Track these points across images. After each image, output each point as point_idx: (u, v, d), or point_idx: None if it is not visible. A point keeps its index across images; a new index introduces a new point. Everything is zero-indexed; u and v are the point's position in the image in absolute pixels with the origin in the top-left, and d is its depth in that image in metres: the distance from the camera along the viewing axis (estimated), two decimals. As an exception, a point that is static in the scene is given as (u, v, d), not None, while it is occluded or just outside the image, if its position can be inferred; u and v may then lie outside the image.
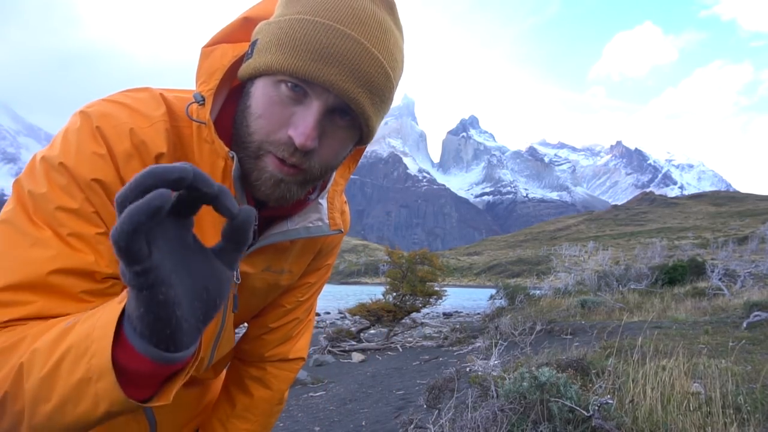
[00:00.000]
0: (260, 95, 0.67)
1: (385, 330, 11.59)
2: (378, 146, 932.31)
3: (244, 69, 0.69)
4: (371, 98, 0.67)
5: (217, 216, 0.70)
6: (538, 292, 17.03)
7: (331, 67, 0.63)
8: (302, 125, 0.65)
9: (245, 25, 0.74)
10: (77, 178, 0.63)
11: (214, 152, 0.69)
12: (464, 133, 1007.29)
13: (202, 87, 0.69)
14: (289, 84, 0.65)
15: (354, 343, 10.50)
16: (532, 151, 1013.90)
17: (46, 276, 0.59)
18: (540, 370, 2.81)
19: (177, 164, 0.42)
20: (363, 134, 0.71)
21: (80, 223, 0.62)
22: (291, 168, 0.68)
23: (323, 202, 0.82)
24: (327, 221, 0.82)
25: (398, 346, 10.22)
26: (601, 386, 2.97)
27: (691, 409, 2.59)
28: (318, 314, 20.72)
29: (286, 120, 0.66)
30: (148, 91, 0.73)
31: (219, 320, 0.83)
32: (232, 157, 0.69)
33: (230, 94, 0.75)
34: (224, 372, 1.10)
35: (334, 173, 0.83)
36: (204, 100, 0.68)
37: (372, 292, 13.07)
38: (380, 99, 0.68)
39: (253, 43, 0.69)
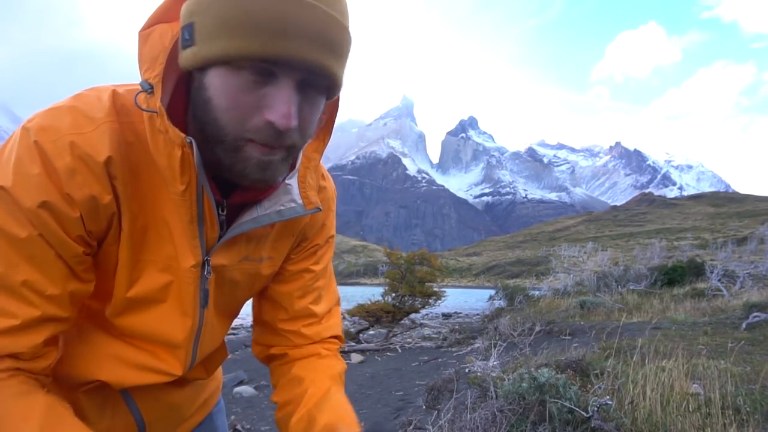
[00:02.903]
0: (221, 85, 0.62)
1: (384, 331, 11.58)
2: (377, 147, 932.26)
3: (189, 58, 0.63)
4: (337, 59, 0.64)
5: (168, 187, 0.68)
6: (537, 292, 17.03)
7: (295, 41, 0.59)
8: (280, 107, 0.62)
9: (180, 1, 0.67)
10: (20, 203, 0.62)
11: (170, 142, 0.65)
12: (463, 134, 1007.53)
13: (148, 74, 0.65)
14: (253, 67, 0.61)
15: (353, 344, 10.48)
16: (531, 152, 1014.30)
17: None
18: (539, 370, 2.80)
19: None
20: (330, 91, 0.69)
21: (24, 248, 0.64)
22: (277, 149, 0.66)
23: (292, 182, 0.78)
24: (300, 201, 0.78)
25: (397, 347, 10.21)
26: (600, 387, 2.96)
27: (691, 410, 2.58)
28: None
29: (258, 104, 0.63)
30: (95, 90, 0.70)
31: (196, 318, 0.80)
32: (190, 143, 0.65)
33: (179, 77, 0.71)
34: (219, 371, 1.08)
35: (302, 151, 0.79)
36: (152, 88, 0.64)
37: (371, 292, 13.06)
38: (344, 55, 0.66)
39: (189, 27, 0.62)
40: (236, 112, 0.63)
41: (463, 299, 32.06)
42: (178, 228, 0.73)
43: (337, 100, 0.77)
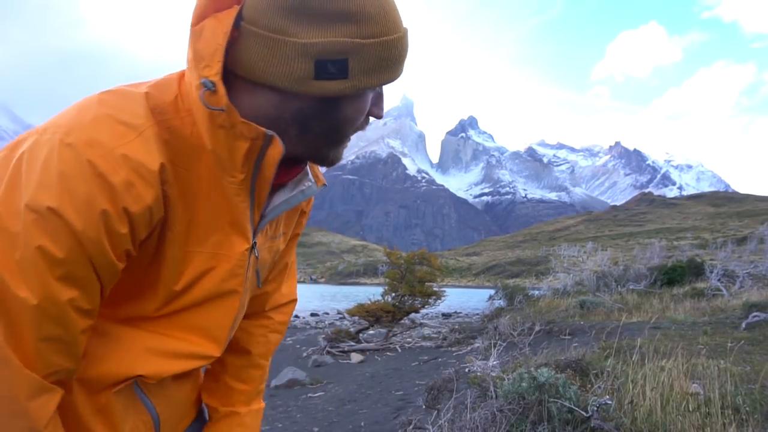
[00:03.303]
0: (361, 104, 0.75)
1: (384, 331, 11.58)
2: (377, 147, 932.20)
3: (335, 89, 0.69)
4: None
5: (216, 171, 0.73)
6: (536, 292, 17.03)
7: (403, 63, 0.74)
8: (382, 104, 0.78)
9: None
10: (69, 224, 0.60)
11: (232, 136, 0.68)
12: (463, 134, 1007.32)
13: (206, 71, 0.66)
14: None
15: (353, 343, 10.49)
16: (530, 152, 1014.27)
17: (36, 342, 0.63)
18: (539, 370, 2.81)
19: None
20: None
21: (69, 269, 0.62)
22: None
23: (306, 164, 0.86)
24: (313, 180, 0.87)
25: (397, 346, 10.22)
26: (600, 387, 2.97)
27: (690, 409, 2.59)
28: (317, 315, 20.74)
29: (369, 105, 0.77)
30: (118, 94, 0.69)
31: (240, 304, 0.84)
32: (271, 136, 0.69)
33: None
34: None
35: None
36: (214, 85, 0.65)
37: (371, 292, 13.06)
38: None
39: (340, 62, 0.68)
40: (359, 119, 0.77)
41: (463, 299, 32.06)
42: (229, 215, 0.76)
43: None
